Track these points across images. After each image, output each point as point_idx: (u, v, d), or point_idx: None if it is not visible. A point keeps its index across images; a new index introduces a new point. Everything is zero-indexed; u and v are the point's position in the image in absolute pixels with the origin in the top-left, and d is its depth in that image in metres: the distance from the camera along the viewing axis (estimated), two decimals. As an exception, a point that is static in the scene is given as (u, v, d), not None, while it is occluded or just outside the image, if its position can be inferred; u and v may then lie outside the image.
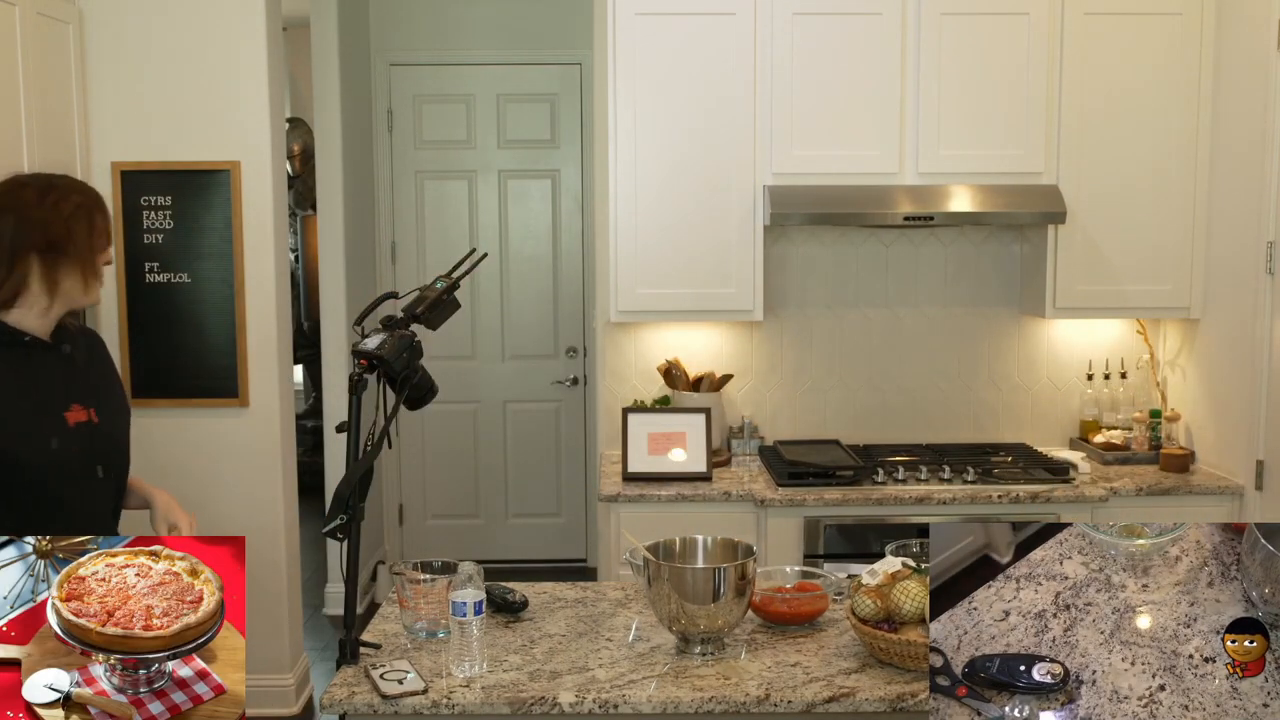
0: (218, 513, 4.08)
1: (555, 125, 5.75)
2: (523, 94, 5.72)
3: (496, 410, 5.89)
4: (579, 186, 5.78)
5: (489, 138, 5.74)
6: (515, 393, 5.88)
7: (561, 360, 5.86)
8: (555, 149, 5.77)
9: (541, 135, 5.76)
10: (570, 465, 5.96)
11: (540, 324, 5.86)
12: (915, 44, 3.83)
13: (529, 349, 5.87)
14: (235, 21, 3.99)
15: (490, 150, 5.75)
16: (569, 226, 5.81)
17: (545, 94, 5.73)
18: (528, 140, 5.76)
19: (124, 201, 4.02)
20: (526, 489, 5.96)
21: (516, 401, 5.89)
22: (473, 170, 5.76)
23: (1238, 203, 3.72)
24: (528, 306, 5.84)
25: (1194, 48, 3.85)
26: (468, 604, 2.23)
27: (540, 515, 5.97)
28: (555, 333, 5.85)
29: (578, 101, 5.71)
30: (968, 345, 4.27)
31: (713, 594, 2.28)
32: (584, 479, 5.93)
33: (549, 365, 5.87)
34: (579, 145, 5.74)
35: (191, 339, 4.08)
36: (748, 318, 3.97)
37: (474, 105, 5.71)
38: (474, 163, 5.76)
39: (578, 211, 5.80)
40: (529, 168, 5.77)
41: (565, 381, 5.86)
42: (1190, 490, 3.75)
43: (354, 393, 2.41)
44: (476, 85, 5.69)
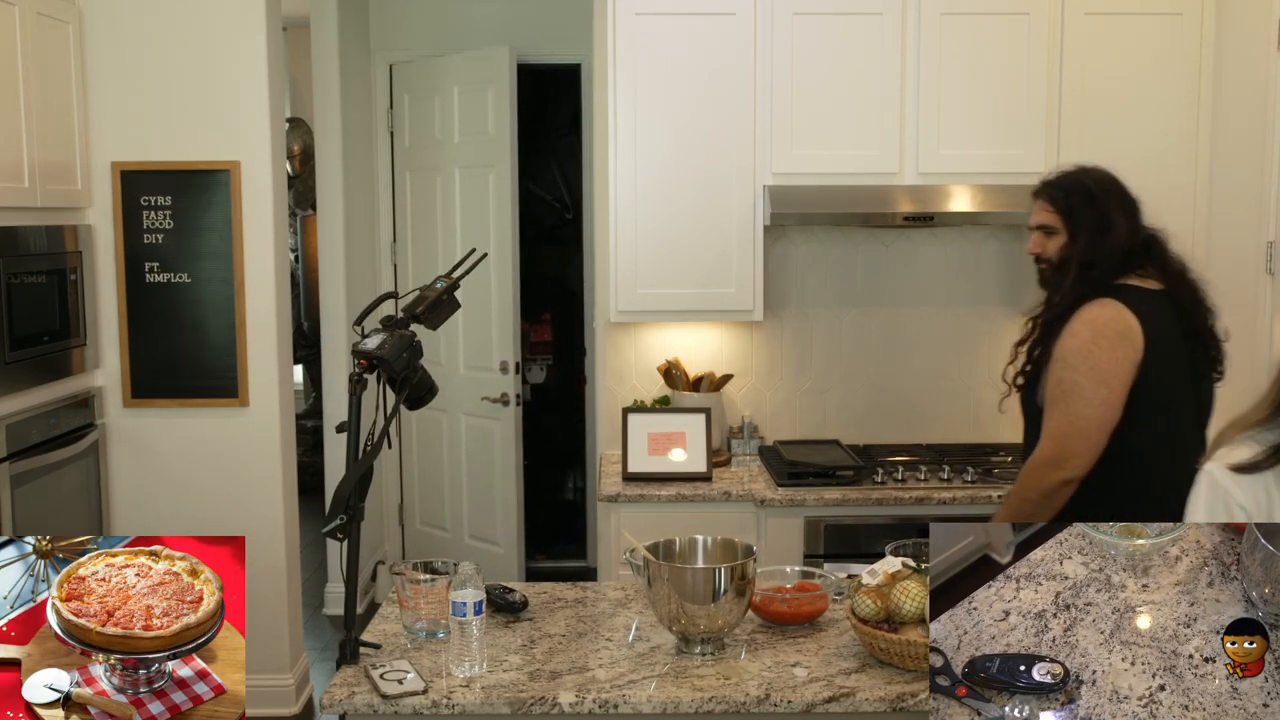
0: (218, 513, 4.08)
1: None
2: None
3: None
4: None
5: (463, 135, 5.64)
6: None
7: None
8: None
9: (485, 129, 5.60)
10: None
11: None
12: (915, 44, 3.83)
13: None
14: (235, 21, 3.99)
15: (450, 146, 5.57)
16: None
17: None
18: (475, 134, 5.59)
19: (124, 201, 4.02)
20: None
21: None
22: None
23: (1238, 203, 3.72)
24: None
25: (1194, 48, 3.85)
26: (468, 604, 2.23)
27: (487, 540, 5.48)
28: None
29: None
30: (968, 345, 4.26)
31: (713, 594, 2.28)
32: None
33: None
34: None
35: (191, 339, 4.08)
36: (748, 318, 3.97)
37: (450, 102, 5.61)
38: (442, 160, 5.61)
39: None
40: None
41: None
42: (1190, 490, 3.74)
43: (354, 393, 2.42)
44: (441, 80, 5.57)
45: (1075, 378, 2.64)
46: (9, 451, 3.45)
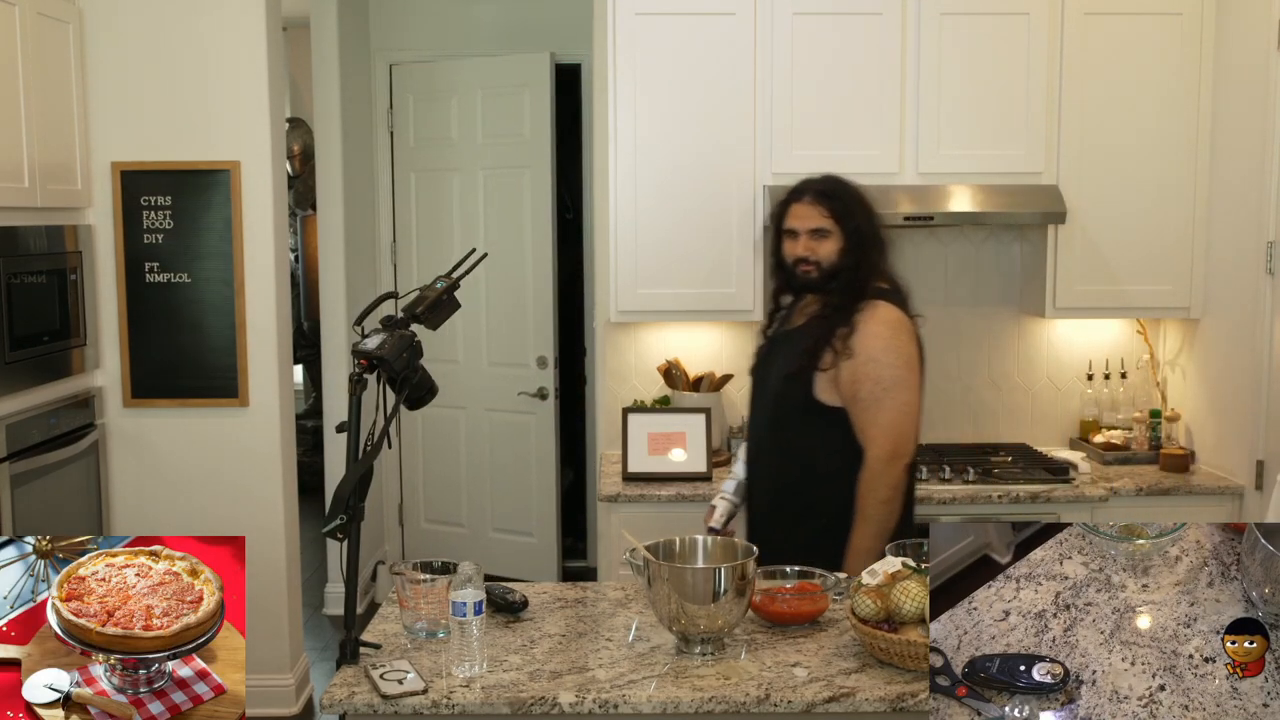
0: (218, 513, 4.08)
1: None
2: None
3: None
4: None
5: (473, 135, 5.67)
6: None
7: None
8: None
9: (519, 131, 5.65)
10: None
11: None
12: (915, 44, 3.83)
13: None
14: (235, 21, 3.99)
15: (474, 147, 5.65)
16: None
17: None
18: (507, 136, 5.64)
19: (124, 201, 4.02)
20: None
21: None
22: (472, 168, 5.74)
23: (1238, 203, 3.72)
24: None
25: (1194, 48, 3.85)
26: (468, 604, 2.23)
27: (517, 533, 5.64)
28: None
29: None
30: (968, 345, 4.26)
31: (713, 594, 2.28)
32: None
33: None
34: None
35: (191, 339, 4.08)
36: (748, 318, 3.96)
37: (473, 104, 5.68)
38: (472, 161, 5.71)
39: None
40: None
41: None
42: (1190, 490, 3.75)
43: (354, 393, 2.41)
44: (462, 82, 5.61)
45: (894, 373, 2.83)
46: (9, 451, 3.45)
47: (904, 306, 2.93)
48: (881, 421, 2.82)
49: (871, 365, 2.82)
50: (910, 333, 2.90)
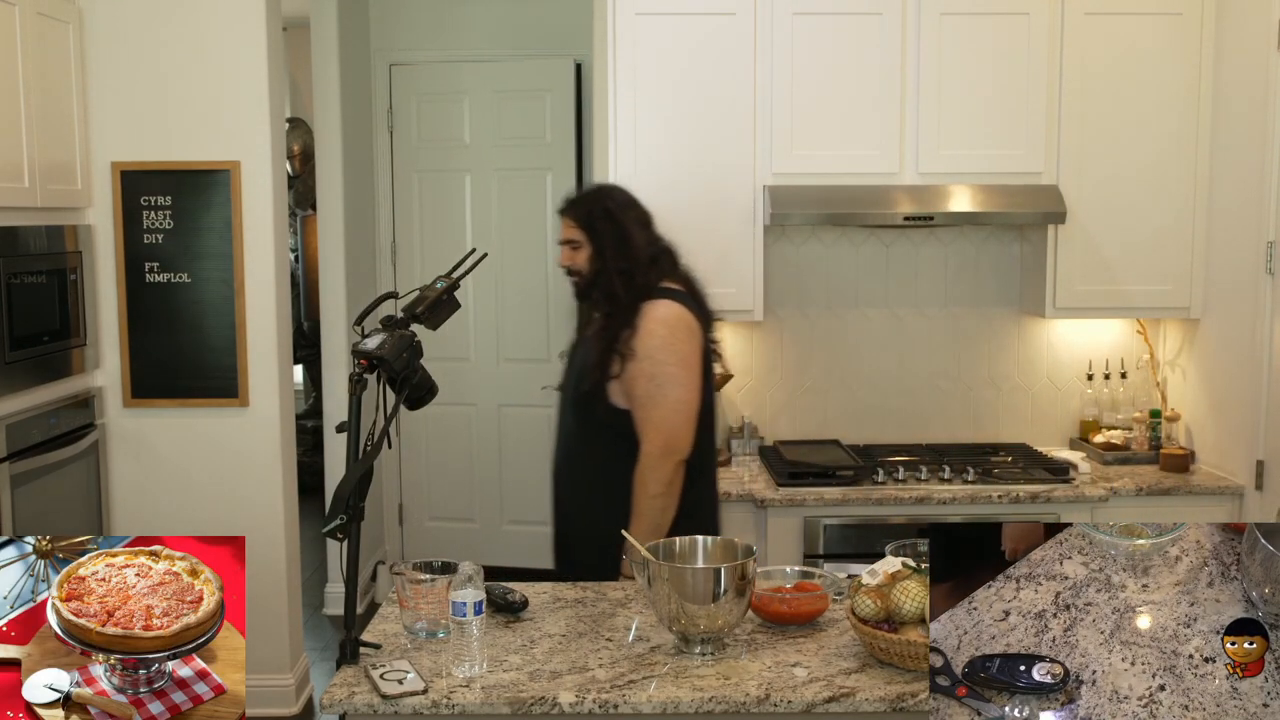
0: (218, 513, 4.08)
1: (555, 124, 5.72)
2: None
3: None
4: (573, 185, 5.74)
5: (489, 137, 5.71)
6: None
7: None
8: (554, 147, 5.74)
9: (540, 134, 5.71)
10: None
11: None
12: (915, 44, 3.83)
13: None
14: (235, 21, 3.99)
15: (490, 149, 5.71)
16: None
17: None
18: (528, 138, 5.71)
19: (124, 201, 4.02)
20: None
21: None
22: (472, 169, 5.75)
23: (1238, 203, 3.72)
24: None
25: (1194, 48, 3.85)
26: (468, 604, 2.23)
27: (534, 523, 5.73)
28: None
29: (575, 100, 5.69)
30: (968, 345, 4.26)
31: (713, 594, 2.28)
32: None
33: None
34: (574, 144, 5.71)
35: (191, 339, 4.08)
36: (748, 318, 3.96)
37: (474, 104, 5.68)
38: (473, 162, 5.72)
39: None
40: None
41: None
42: (1190, 490, 3.75)
43: (354, 393, 2.41)
44: (476, 84, 5.66)
45: (667, 370, 2.88)
46: (9, 451, 3.45)
47: (691, 306, 2.97)
48: (654, 418, 2.87)
49: (647, 363, 2.87)
50: (690, 330, 2.93)
